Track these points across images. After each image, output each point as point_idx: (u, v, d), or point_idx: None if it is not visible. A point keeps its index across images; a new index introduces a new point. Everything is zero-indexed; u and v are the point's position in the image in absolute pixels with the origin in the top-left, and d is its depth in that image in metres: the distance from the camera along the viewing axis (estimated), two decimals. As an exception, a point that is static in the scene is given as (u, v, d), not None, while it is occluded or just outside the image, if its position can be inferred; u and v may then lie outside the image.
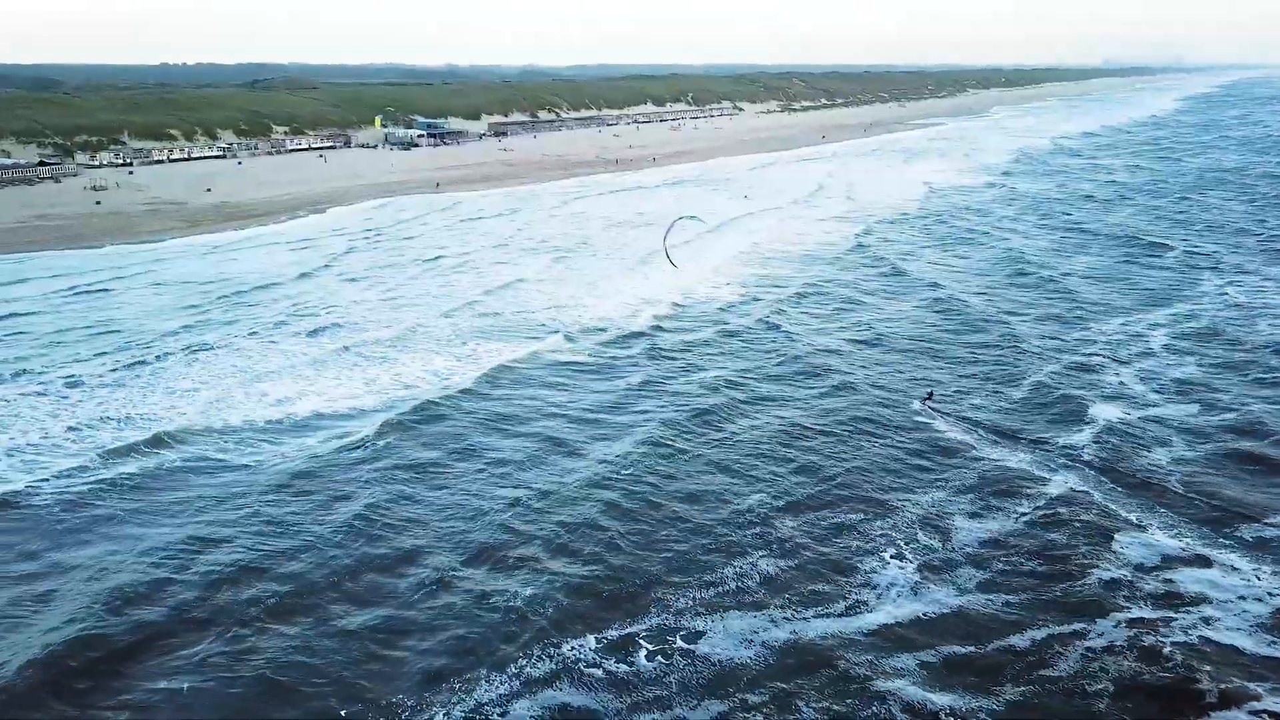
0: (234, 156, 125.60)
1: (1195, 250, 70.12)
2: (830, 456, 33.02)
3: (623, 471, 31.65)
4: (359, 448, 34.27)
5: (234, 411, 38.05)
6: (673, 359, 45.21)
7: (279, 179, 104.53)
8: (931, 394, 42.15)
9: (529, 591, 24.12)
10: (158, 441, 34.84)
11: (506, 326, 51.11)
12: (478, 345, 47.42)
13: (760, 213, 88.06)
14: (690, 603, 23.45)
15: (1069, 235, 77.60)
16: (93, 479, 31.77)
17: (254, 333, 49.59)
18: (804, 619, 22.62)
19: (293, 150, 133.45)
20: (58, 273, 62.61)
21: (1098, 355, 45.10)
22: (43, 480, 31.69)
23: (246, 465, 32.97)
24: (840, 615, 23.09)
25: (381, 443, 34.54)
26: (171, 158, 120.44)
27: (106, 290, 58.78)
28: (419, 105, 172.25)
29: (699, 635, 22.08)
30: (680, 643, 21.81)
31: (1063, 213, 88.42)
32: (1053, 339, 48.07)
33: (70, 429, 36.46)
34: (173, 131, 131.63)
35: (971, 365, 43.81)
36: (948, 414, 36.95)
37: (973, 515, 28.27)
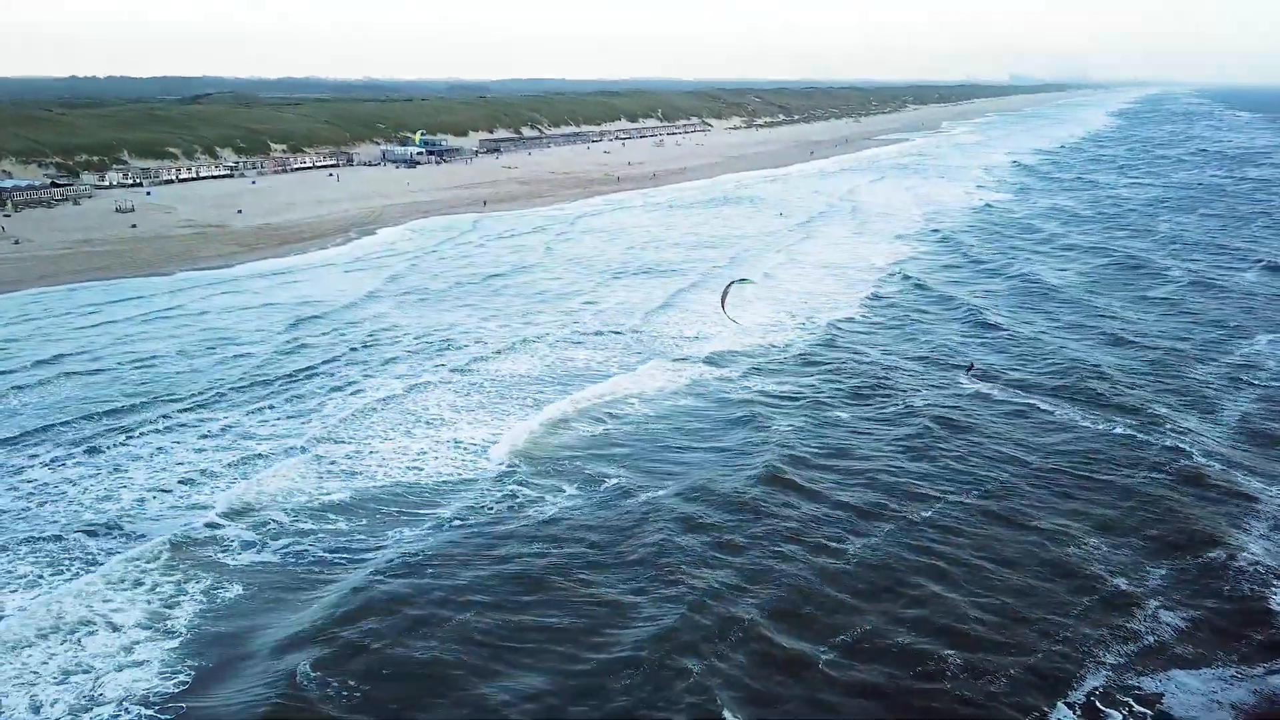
0: (242, 175, 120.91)
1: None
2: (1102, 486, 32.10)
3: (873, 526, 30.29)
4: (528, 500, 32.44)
5: (406, 441, 35.98)
6: (824, 383, 43.96)
7: (303, 198, 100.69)
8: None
9: (956, 657, 22.45)
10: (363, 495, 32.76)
11: (612, 350, 49.61)
12: (608, 372, 45.65)
13: (796, 229, 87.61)
14: (1118, 659, 22.18)
15: (1092, 258, 77.53)
16: (295, 530, 29.54)
17: (379, 359, 47.22)
18: (1258, 676, 21.49)
19: (299, 169, 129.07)
20: (135, 296, 59.44)
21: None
22: (245, 529, 29.30)
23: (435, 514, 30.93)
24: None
25: (559, 492, 32.76)
26: (181, 177, 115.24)
27: (204, 312, 56.07)
28: (408, 122, 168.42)
29: (1157, 696, 20.82)
30: (1138, 705, 20.50)
31: (1077, 235, 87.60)
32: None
33: (241, 462, 34.02)
34: (173, 150, 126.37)
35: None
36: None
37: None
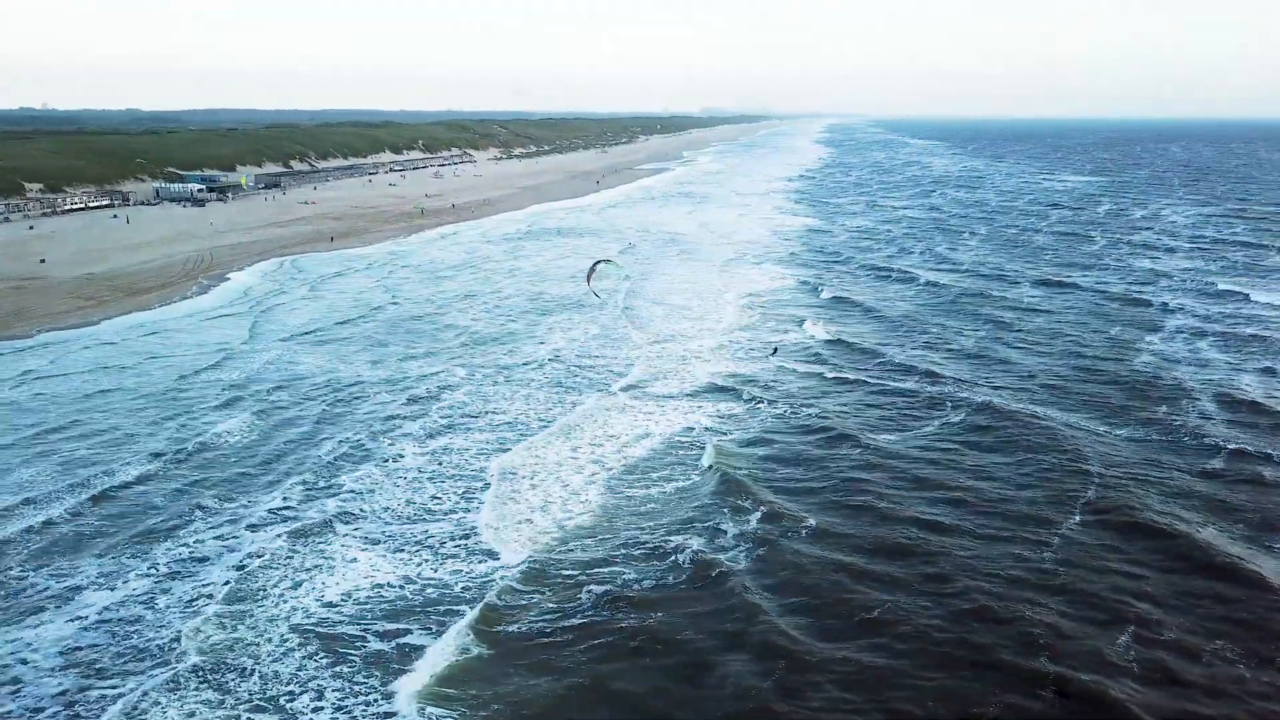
0: (7, 219, 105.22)
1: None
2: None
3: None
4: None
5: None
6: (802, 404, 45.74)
7: (108, 244, 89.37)
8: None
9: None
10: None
11: (554, 385, 48.64)
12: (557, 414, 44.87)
13: (644, 261, 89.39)
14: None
15: (914, 284, 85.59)
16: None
17: (340, 412, 43.60)
18: None
19: (73, 209, 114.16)
20: None
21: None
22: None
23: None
24: None
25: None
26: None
27: (104, 368, 50.41)
28: (170, 157, 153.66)
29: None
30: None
31: (898, 260, 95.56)
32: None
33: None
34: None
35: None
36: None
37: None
